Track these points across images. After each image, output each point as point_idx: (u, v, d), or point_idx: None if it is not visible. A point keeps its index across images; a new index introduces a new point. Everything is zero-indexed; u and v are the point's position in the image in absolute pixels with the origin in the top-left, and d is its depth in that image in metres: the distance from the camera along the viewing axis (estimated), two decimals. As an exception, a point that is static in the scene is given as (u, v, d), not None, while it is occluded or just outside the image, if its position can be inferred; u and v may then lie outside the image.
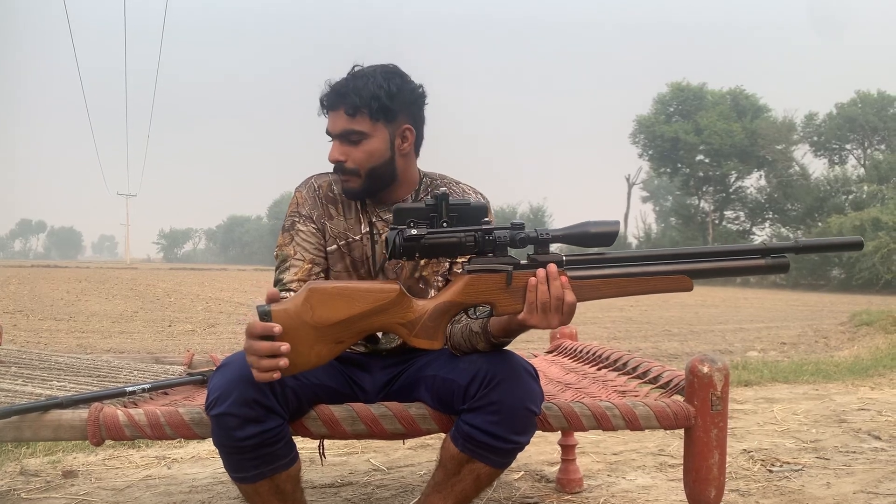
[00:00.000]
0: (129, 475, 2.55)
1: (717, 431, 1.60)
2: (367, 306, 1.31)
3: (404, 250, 1.30)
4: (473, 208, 1.34)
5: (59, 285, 19.29)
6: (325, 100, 1.61)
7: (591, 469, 2.66)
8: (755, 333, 9.80)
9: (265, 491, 1.45)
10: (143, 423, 1.46)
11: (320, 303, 1.28)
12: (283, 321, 1.25)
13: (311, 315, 1.27)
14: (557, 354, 2.50)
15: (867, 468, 2.71)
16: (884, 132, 38.74)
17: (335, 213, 1.69)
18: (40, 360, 2.05)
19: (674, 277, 1.39)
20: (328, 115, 1.61)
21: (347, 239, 1.68)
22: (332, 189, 1.71)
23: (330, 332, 1.29)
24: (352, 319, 1.30)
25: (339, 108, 1.58)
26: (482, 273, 1.34)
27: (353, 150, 1.59)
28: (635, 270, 1.38)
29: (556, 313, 1.32)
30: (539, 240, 1.34)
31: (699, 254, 1.41)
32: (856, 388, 4.59)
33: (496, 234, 1.33)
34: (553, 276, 1.31)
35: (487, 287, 1.34)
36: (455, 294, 1.35)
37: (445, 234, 1.31)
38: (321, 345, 1.29)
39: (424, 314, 1.34)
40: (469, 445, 1.45)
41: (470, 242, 1.32)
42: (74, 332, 8.39)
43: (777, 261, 1.41)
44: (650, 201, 60.75)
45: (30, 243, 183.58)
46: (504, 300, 1.34)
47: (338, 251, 1.68)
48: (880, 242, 27.47)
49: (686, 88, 42.29)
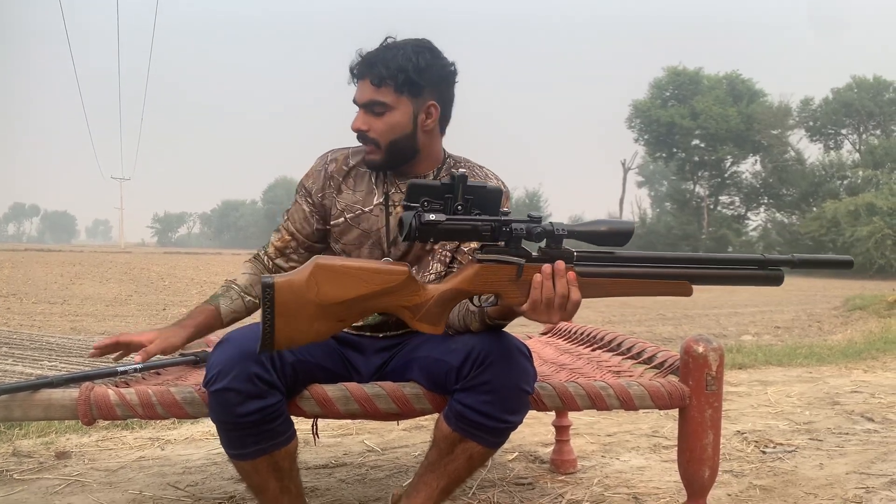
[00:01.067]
0: (123, 456, 2.55)
1: (711, 411, 1.60)
2: (375, 287, 1.28)
3: (419, 233, 1.27)
4: (489, 192, 1.32)
5: (53, 269, 19.23)
6: (354, 68, 1.61)
7: (585, 450, 2.67)
8: (749, 318, 9.84)
9: (263, 468, 1.44)
10: (134, 402, 1.45)
11: (326, 280, 1.25)
12: (285, 295, 1.23)
13: (315, 291, 1.24)
14: (552, 336, 2.49)
15: (860, 449, 2.72)
16: (879, 117, 38.77)
17: (345, 187, 1.70)
18: (31, 341, 2.04)
19: (676, 283, 1.39)
20: (357, 84, 1.62)
21: (356, 211, 1.68)
22: (346, 162, 1.71)
23: (333, 311, 1.26)
24: (358, 299, 1.27)
25: (365, 77, 1.59)
26: (493, 264, 1.33)
27: (375, 120, 1.60)
28: (641, 272, 1.38)
29: (558, 310, 1.31)
30: (555, 235, 1.33)
31: (701, 260, 1.42)
32: (849, 371, 4.62)
33: (513, 226, 1.31)
34: (560, 274, 1.30)
35: (497, 278, 1.33)
36: (463, 282, 1.33)
37: (462, 222, 1.28)
38: (321, 322, 1.26)
39: (430, 299, 1.32)
40: (462, 425, 1.45)
41: (486, 232, 1.30)
42: (68, 316, 8.36)
43: (772, 272, 1.43)
44: (646, 186, 60.87)
45: (23, 227, 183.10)
46: (511, 292, 1.33)
47: (345, 223, 1.69)
48: (874, 228, 27.61)
49: (682, 73, 42.22)
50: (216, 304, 1.69)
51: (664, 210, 48.17)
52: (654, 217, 47.25)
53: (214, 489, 2.19)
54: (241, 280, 1.72)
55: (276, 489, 1.48)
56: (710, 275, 1.41)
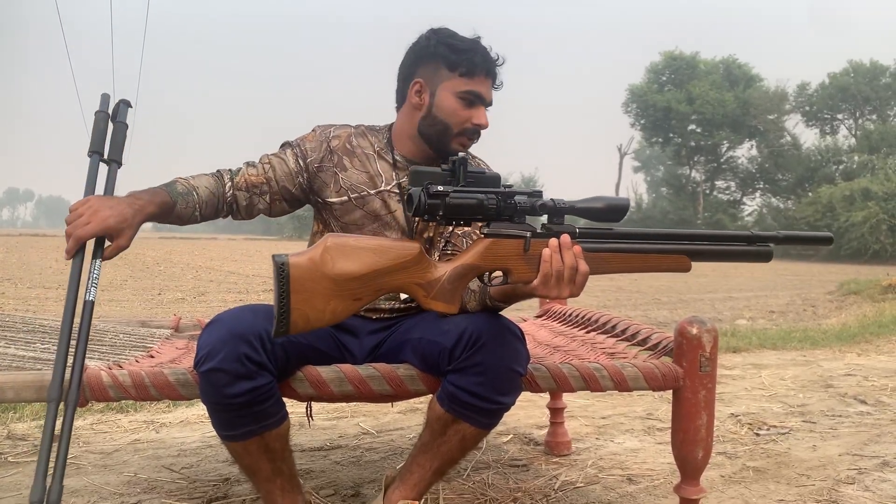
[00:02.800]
0: (118, 439, 2.55)
1: (705, 393, 1.60)
2: (388, 262, 1.28)
3: (429, 207, 1.27)
4: (488, 177, 1.34)
5: (48, 254, 19.18)
6: (490, 67, 1.64)
7: (579, 432, 2.67)
8: (744, 302, 9.87)
9: (254, 449, 1.44)
10: (127, 383, 1.44)
11: (341, 254, 1.25)
12: (300, 272, 1.22)
13: (331, 266, 1.23)
14: (546, 318, 2.49)
15: (853, 431, 2.74)
16: (875, 102, 38.76)
17: (349, 165, 1.69)
18: (24, 323, 2.03)
19: (675, 257, 1.41)
20: (484, 81, 1.64)
21: (360, 192, 1.68)
22: (350, 141, 1.71)
23: (348, 287, 1.25)
24: (372, 275, 1.26)
25: (495, 77, 1.66)
26: (501, 238, 1.33)
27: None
28: (641, 247, 1.39)
29: (569, 283, 1.31)
30: (557, 209, 1.34)
31: (696, 236, 1.44)
32: (842, 355, 4.64)
33: (517, 199, 1.32)
34: (567, 246, 1.31)
35: (506, 252, 1.33)
36: (473, 257, 1.33)
37: (469, 194, 1.29)
38: (338, 300, 1.24)
39: (443, 276, 1.31)
40: (454, 406, 1.45)
41: (492, 204, 1.30)
42: (63, 300, 8.33)
43: (762, 248, 1.45)
44: (641, 171, 60.82)
45: (18, 212, 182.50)
46: (520, 267, 1.33)
47: (349, 202, 1.68)
48: (870, 213, 27.66)
49: (679, 58, 42.11)
50: (175, 199, 1.56)
51: (660, 195, 48.23)
52: (650, 202, 47.33)
53: (209, 471, 2.19)
54: (202, 193, 1.61)
55: (269, 470, 1.48)
56: (705, 250, 1.42)
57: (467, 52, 1.61)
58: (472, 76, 1.61)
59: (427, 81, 1.64)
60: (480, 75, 1.62)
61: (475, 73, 1.61)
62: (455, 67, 1.61)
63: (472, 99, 1.62)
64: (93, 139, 1.54)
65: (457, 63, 1.61)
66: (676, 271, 1.42)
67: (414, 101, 1.66)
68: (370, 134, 1.74)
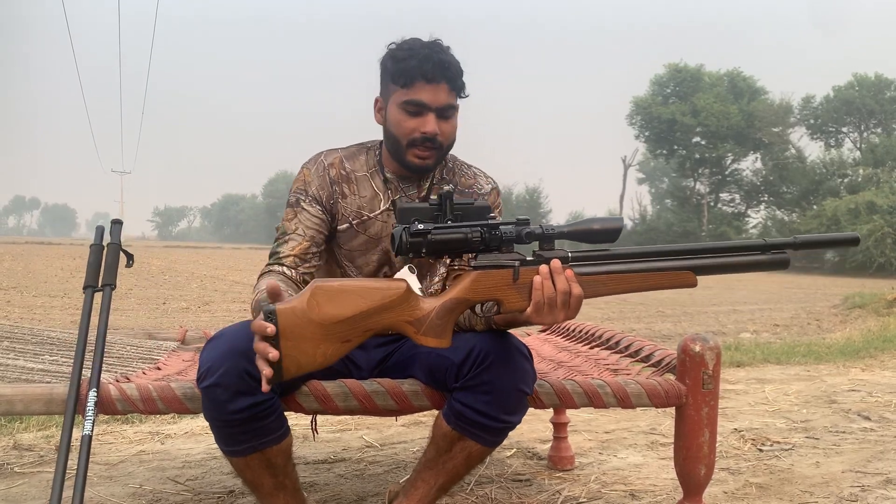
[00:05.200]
0: (123, 450, 2.56)
1: (707, 410, 1.61)
2: (374, 303, 1.29)
3: (411, 246, 1.29)
4: (477, 208, 1.34)
5: (53, 262, 19.24)
6: (427, 70, 1.55)
7: (582, 447, 2.68)
8: (748, 315, 9.86)
9: (256, 464, 1.45)
10: (134, 397, 1.46)
11: (326, 300, 1.26)
12: (288, 320, 1.24)
13: (317, 312, 1.25)
14: (550, 333, 2.50)
15: (856, 448, 2.73)
16: (880, 115, 38.74)
17: (348, 192, 1.68)
18: (33, 335, 2.05)
19: (678, 273, 1.39)
20: (424, 87, 1.56)
21: (362, 217, 1.67)
22: (343, 167, 1.69)
23: (336, 330, 1.27)
24: (358, 317, 1.28)
25: (441, 81, 1.56)
26: (489, 269, 1.34)
27: (444, 125, 1.60)
28: (640, 267, 1.38)
29: (562, 308, 1.32)
30: (544, 235, 1.34)
31: (702, 250, 1.42)
32: (847, 370, 4.63)
33: (502, 229, 1.33)
34: (557, 271, 1.31)
35: (495, 283, 1.33)
36: (462, 291, 1.33)
37: (451, 230, 1.30)
38: (327, 344, 1.27)
39: (431, 312, 1.32)
40: (461, 423, 1.46)
41: (476, 238, 1.31)
42: (69, 309, 8.37)
43: (777, 256, 1.43)
44: (646, 183, 60.81)
45: (24, 220, 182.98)
46: (511, 296, 1.34)
47: (350, 229, 1.67)
48: (874, 226, 27.61)
49: (683, 70, 42.17)
50: None
51: (664, 207, 48.15)
52: (654, 214, 47.22)
53: (214, 483, 2.20)
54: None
55: (271, 485, 1.49)
56: (712, 264, 1.41)
57: (403, 60, 1.56)
58: (411, 84, 1.55)
59: (383, 98, 1.64)
60: (419, 81, 1.55)
61: (413, 81, 1.55)
62: (396, 79, 1.57)
63: (415, 108, 1.56)
64: (87, 274, 1.63)
65: (395, 74, 1.57)
66: (682, 287, 1.41)
67: (377, 119, 1.67)
68: (359, 155, 1.72)
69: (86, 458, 1.40)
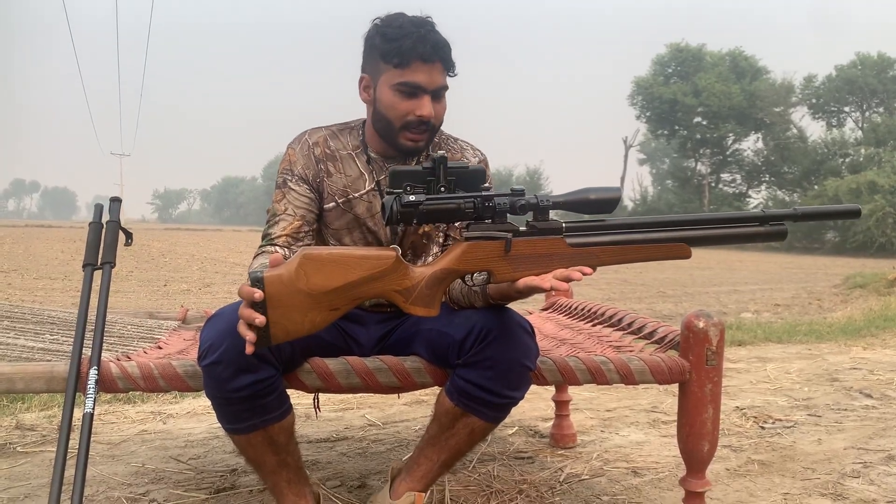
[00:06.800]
0: (125, 430, 2.56)
1: (711, 386, 1.60)
2: (363, 273, 1.28)
3: (402, 216, 1.27)
4: (471, 172, 1.32)
5: (54, 245, 19.22)
6: (423, 52, 1.50)
7: (584, 425, 2.68)
8: (749, 295, 9.86)
9: (258, 442, 1.45)
10: (136, 375, 1.45)
11: (315, 269, 1.25)
12: (275, 287, 1.23)
13: (305, 282, 1.24)
14: (553, 311, 2.49)
15: (858, 425, 2.74)
16: (883, 95, 38.49)
17: (333, 170, 1.66)
18: (33, 314, 2.04)
19: (672, 245, 1.38)
20: (420, 67, 1.51)
21: (348, 195, 1.65)
22: (328, 145, 1.67)
23: (325, 300, 1.26)
24: (347, 286, 1.27)
25: (435, 61, 1.53)
26: (480, 240, 1.32)
27: (437, 106, 1.57)
28: (634, 238, 1.36)
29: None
30: (539, 206, 1.32)
31: (698, 221, 1.40)
32: (848, 348, 4.63)
33: (496, 200, 1.30)
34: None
35: (486, 254, 1.32)
36: (452, 261, 1.32)
37: (444, 201, 1.28)
38: (315, 312, 1.26)
39: (421, 281, 1.31)
40: (463, 400, 1.45)
41: (469, 209, 1.29)
42: (69, 291, 8.37)
43: (775, 228, 1.42)
44: (647, 164, 60.56)
45: (23, 203, 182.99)
46: (502, 268, 1.32)
47: (337, 208, 1.66)
48: (876, 206, 27.54)
49: (685, 49, 41.90)
50: None
51: (665, 188, 48.05)
52: (655, 195, 47.15)
53: (216, 462, 2.20)
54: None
55: (274, 463, 1.49)
56: (708, 235, 1.39)
57: (397, 40, 1.50)
58: (406, 65, 1.51)
59: (371, 76, 1.59)
60: (415, 62, 1.51)
61: (409, 62, 1.50)
62: (388, 58, 1.52)
63: (410, 90, 1.53)
64: (86, 253, 1.62)
65: (388, 53, 1.51)
66: (676, 259, 1.39)
67: (363, 97, 1.63)
68: (343, 134, 1.69)
69: (87, 436, 1.40)
